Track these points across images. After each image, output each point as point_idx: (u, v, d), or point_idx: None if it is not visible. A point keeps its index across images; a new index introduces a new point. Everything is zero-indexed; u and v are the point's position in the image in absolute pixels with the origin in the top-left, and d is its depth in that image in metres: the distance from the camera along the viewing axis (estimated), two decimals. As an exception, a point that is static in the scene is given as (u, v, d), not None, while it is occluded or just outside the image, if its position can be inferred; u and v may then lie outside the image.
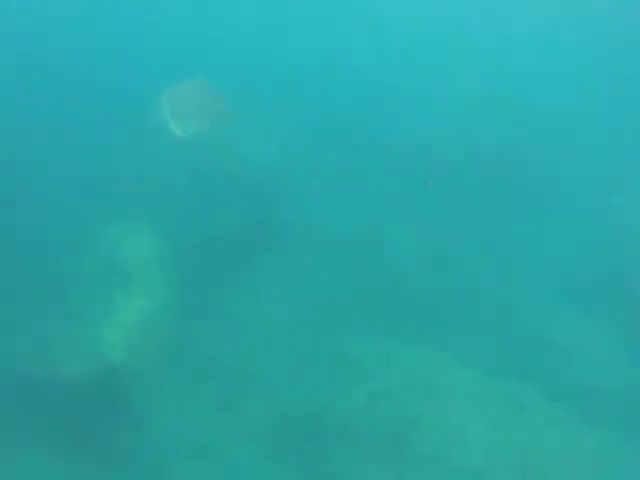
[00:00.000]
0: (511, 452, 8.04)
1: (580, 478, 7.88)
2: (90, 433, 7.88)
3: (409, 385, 8.87)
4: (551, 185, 12.33)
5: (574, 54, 13.81)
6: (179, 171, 11.22)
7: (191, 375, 8.81)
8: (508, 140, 12.64)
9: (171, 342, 8.95)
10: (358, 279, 10.77)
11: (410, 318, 10.14)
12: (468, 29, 14.23)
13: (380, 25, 14.62)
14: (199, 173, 11.26)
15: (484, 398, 8.83)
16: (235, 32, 13.73)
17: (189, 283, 9.60)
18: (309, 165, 12.25)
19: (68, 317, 8.68)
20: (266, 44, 13.61)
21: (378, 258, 11.24)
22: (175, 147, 11.01)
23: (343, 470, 8.03)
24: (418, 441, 8.11)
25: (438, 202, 12.09)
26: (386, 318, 10.10)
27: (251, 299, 9.97)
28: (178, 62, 12.16)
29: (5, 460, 7.56)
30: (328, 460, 8.22)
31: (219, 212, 10.68)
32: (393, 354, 9.33)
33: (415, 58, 13.92)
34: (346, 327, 9.86)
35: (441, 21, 14.46)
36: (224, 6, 14.08)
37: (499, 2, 14.86)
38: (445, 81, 13.74)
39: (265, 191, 11.26)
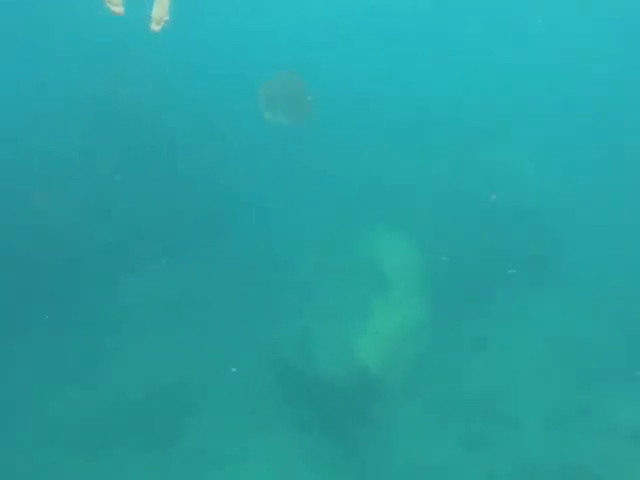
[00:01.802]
0: None
1: None
2: (339, 435, 7.94)
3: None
4: None
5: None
6: (441, 188, 10.87)
7: (438, 400, 8.41)
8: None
9: (422, 361, 8.64)
10: (622, 330, 9.45)
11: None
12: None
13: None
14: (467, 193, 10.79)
15: None
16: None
17: (444, 301, 9.21)
18: (577, 194, 11.14)
19: (328, 316, 8.85)
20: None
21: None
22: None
23: None
24: None
25: None
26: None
27: (506, 330, 9.27)
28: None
29: (258, 439, 7.89)
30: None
31: (482, 235, 10.13)
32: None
33: None
34: (602, 381, 8.69)
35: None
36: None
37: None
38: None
39: (532, 219, 10.46)
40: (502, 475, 7.72)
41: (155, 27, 3.70)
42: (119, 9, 3.99)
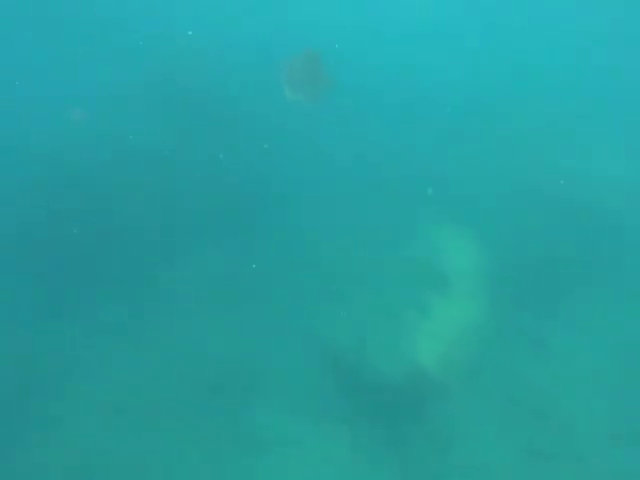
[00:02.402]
0: None
1: None
2: (391, 430, 7.96)
3: None
4: None
5: None
6: (507, 184, 10.60)
7: (497, 402, 8.24)
8: None
9: (481, 363, 8.49)
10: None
11: None
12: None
13: None
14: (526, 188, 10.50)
15: None
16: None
17: (507, 302, 9.00)
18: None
19: (385, 312, 8.87)
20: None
21: None
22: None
23: None
24: None
25: None
26: None
27: (571, 334, 8.89)
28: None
29: (310, 426, 8.04)
30: None
31: (549, 233, 9.80)
32: None
33: None
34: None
35: None
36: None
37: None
38: None
39: (604, 219, 10.01)
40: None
41: None
42: None
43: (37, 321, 8.86)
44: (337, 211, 10.25)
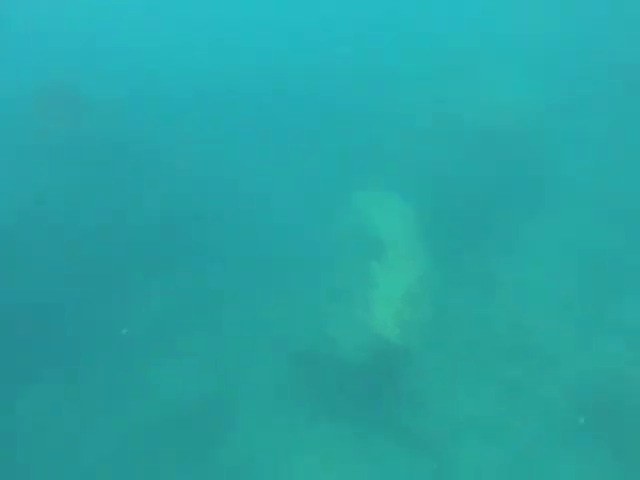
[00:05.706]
0: None
1: None
2: (369, 407, 7.74)
3: None
4: None
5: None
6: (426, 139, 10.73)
7: (462, 350, 8.14)
8: None
9: (437, 316, 8.38)
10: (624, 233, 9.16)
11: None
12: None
13: None
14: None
15: None
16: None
17: (446, 252, 8.95)
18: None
19: (335, 290, 8.64)
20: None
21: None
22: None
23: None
24: None
25: None
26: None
27: (515, 262, 8.95)
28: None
29: (281, 427, 7.75)
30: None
31: (469, 174, 9.89)
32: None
33: None
34: (619, 291, 8.52)
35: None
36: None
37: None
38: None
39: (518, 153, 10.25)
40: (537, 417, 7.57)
41: None
42: None
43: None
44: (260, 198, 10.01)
